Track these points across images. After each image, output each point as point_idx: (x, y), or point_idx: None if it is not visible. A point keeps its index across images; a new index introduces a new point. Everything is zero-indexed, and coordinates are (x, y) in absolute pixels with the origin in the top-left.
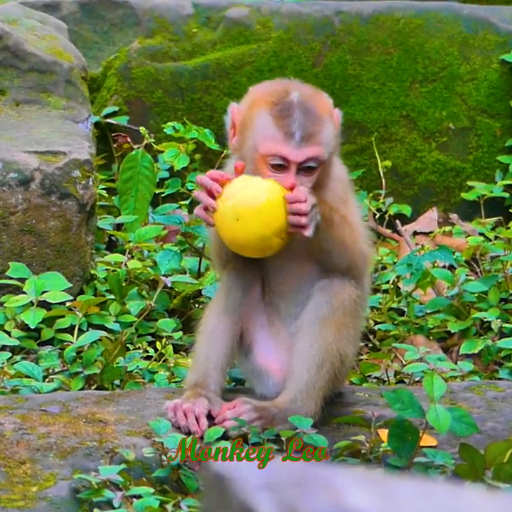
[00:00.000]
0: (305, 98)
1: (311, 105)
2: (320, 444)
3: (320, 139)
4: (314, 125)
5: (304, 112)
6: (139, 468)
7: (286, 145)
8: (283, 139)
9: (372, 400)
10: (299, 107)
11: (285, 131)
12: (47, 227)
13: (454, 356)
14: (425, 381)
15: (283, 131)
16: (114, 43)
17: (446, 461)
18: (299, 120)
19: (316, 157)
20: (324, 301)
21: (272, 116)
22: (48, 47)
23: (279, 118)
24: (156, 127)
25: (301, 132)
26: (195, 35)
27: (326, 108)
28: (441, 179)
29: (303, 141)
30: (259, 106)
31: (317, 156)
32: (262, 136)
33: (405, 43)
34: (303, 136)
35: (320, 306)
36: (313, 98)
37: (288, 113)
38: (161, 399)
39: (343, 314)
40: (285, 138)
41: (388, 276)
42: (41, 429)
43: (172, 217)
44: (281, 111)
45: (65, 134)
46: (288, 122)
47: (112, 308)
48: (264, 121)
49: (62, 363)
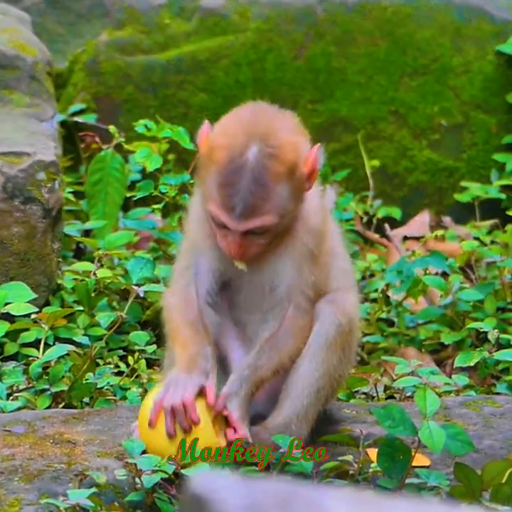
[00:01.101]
0: (262, 157)
1: (266, 168)
2: (305, 464)
3: (267, 209)
4: (261, 196)
5: (252, 181)
6: (111, 491)
7: (227, 215)
8: (224, 208)
9: (361, 417)
10: (249, 173)
11: (227, 200)
12: (10, 233)
13: (447, 370)
14: (417, 396)
15: (226, 200)
16: (80, 35)
17: (441, 482)
18: (243, 191)
19: (259, 227)
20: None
21: (220, 179)
22: (9, 40)
23: (224, 185)
24: (127, 126)
25: (242, 205)
26: (167, 27)
27: (290, 162)
28: (433, 179)
29: (244, 214)
30: (214, 157)
31: (261, 226)
32: (209, 194)
33: (393, 34)
34: (244, 209)
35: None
36: (274, 154)
37: (234, 180)
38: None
39: (348, 333)
40: (226, 207)
41: (377, 284)
42: (5, 450)
43: (144, 222)
44: (228, 176)
45: (28, 133)
46: (232, 191)
47: (81, 320)
48: (213, 181)
49: (27, 379)
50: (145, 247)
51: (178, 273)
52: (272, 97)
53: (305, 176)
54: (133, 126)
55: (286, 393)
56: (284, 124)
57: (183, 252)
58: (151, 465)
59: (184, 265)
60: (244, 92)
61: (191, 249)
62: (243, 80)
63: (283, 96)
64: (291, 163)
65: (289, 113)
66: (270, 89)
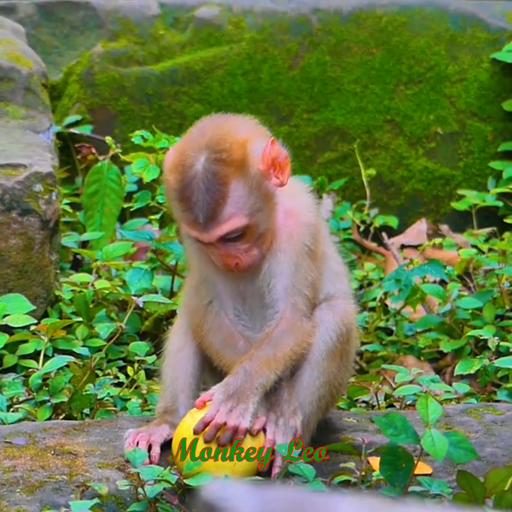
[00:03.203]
0: (209, 164)
1: (215, 173)
2: (307, 473)
3: (228, 212)
4: (217, 202)
5: (205, 190)
6: (113, 502)
7: (194, 229)
8: (189, 222)
9: (362, 426)
10: (201, 183)
11: (189, 215)
12: (7, 245)
13: (447, 378)
14: (419, 404)
15: (187, 215)
16: (75, 47)
17: (443, 489)
18: (199, 202)
19: (229, 232)
20: (330, 328)
21: (177, 196)
22: (4, 52)
23: (181, 199)
24: (123, 137)
25: (203, 216)
26: (162, 38)
27: (237, 161)
28: (430, 188)
29: (208, 223)
30: (168, 177)
31: (231, 231)
32: (176, 215)
33: (388, 42)
34: (206, 219)
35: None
36: (220, 158)
37: (189, 193)
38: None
39: (346, 341)
40: (191, 222)
41: (375, 293)
42: (6, 462)
43: (142, 233)
44: (183, 191)
45: (25, 145)
46: (190, 205)
47: (79, 331)
48: (174, 200)
49: (27, 391)
50: (142, 258)
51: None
52: (267, 107)
53: (264, 171)
54: (128, 137)
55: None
56: (231, 127)
57: (193, 287)
58: (154, 475)
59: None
60: (240, 102)
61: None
62: (238, 90)
63: (278, 106)
64: (239, 163)
65: (244, 117)
66: (265, 99)
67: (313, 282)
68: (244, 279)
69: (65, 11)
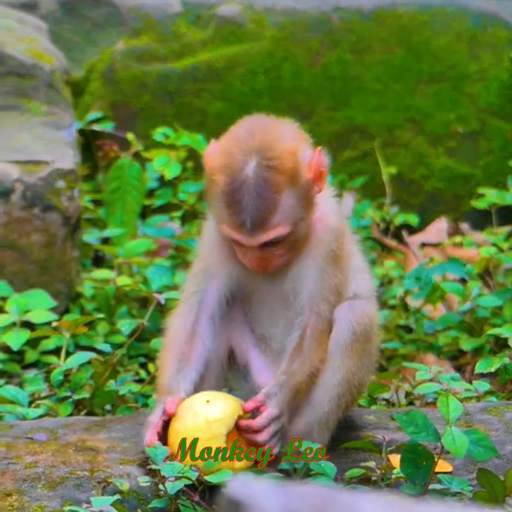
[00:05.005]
0: (261, 170)
1: (266, 180)
2: (328, 471)
3: (276, 220)
4: (267, 209)
5: (255, 196)
6: (134, 498)
7: (239, 232)
8: (235, 226)
9: (382, 424)
10: (252, 189)
11: (236, 218)
12: (29, 242)
13: (467, 376)
14: (440, 402)
15: (234, 219)
16: (97, 44)
17: (463, 487)
18: (248, 208)
19: (273, 239)
20: (346, 327)
21: (225, 199)
22: (27, 49)
23: (230, 203)
24: (144, 134)
25: (251, 221)
26: (184, 35)
27: (290, 170)
28: (450, 186)
29: (254, 229)
30: (216, 178)
31: (275, 238)
32: (218, 215)
33: (409, 41)
34: (253, 225)
35: (342, 333)
36: (272, 165)
37: (239, 197)
38: None
39: (365, 341)
40: (236, 225)
41: (395, 291)
42: (28, 458)
43: (163, 229)
44: (232, 194)
45: (47, 141)
46: (238, 209)
47: (101, 328)
48: (219, 201)
49: (48, 387)
50: (164, 255)
51: (185, 297)
52: (288, 104)
53: (310, 180)
54: (150, 135)
55: (307, 401)
56: (279, 133)
57: (192, 275)
58: (175, 472)
59: (191, 290)
60: (261, 100)
61: (201, 274)
62: (259, 88)
63: (299, 104)
64: (291, 172)
65: (287, 121)
66: (286, 97)
67: (338, 287)
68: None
69: (87, 7)
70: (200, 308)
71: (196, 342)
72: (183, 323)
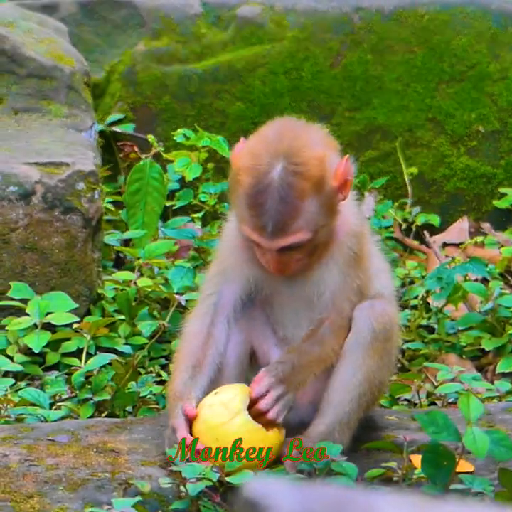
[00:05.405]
0: (287, 175)
1: (292, 186)
2: (349, 472)
3: (297, 226)
4: (289, 214)
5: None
6: (155, 500)
7: (259, 235)
8: (255, 228)
9: (404, 424)
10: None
11: (257, 221)
12: (50, 243)
13: (489, 376)
14: (461, 402)
15: (256, 221)
16: (117, 45)
17: (485, 487)
18: (271, 211)
19: (293, 244)
20: (365, 325)
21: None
22: (47, 50)
23: (252, 205)
24: (165, 135)
25: (272, 225)
26: (204, 36)
27: (315, 177)
28: (471, 186)
29: (275, 232)
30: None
31: (294, 243)
32: (240, 215)
33: (430, 41)
34: (274, 228)
35: (362, 332)
36: (298, 171)
37: (262, 200)
38: None
39: (385, 340)
40: (257, 227)
41: (417, 291)
42: (49, 460)
43: (184, 231)
44: (255, 196)
45: (67, 143)
46: (260, 211)
47: (122, 329)
48: (242, 202)
49: (69, 389)
50: (184, 256)
51: (201, 298)
52: (309, 105)
53: (335, 188)
54: (170, 136)
55: (328, 400)
56: (308, 138)
57: (209, 277)
58: (196, 473)
59: (208, 292)
60: (282, 100)
61: (218, 276)
62: (280, 89)
63: (320, 104)
64: (317, 179)
65: (317, 127)
66: (307, 98)
67: (360, 288)
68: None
69: (108, 9)
70: (216, 311)
71: (210, 347)
72: (198, 326)
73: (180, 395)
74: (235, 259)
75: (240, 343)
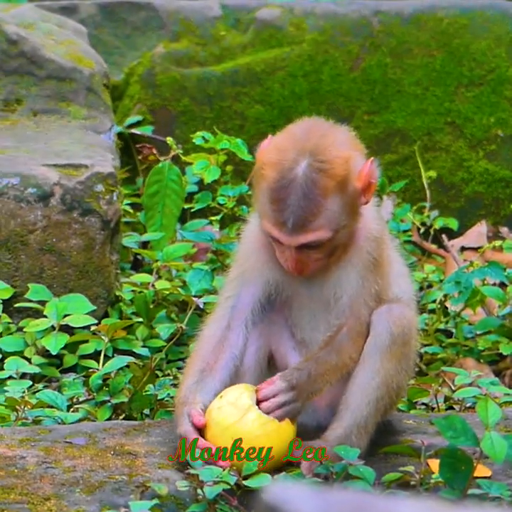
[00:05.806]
0: (311, 172)
1: (315, 182)
2: (367, 476)
3: (318, 223)
4: (311, 211)
5: (302, 196)
6: (172, 503)
7: (279, 230)
8: (276, 223)
9: (421, 428)
10: (299, 188)
11: (278, 216)
12: (68, 245)
13: (506, 380)
14: (479, 407)
15: (277, 215)
16: (136, 47)
17: (502, 492)
18: (293, 206)
19: (312, 242)
20: (384, 329)
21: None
22: (66, 52)
23: (275, 199)
24: (183, 137)
25: (293, 220)
26: (223, 39)
27: (340, 176)
28: (490, 190)
29: (295, 229)
30: (265, 173)
31: (314, 241)
32: (262, 210)
33: (449, 45)
34: (295, 224)
35: (380, 335)
36: (323, 169)
37: (285, 195)
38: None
39: (403, 343)
40: (278, 223)
41: (435, 295)
42: (66, 462)
43: (202, 233)
44: (278, 191)
45: (86, 145)
46: (282, 206)
47: (140, 332)
48: (264, 196)
49: (87, 391)
50: (202, 259)
51: (219, 301)
52: (328, 108)
53: (359, 190)
54: (189, 138)
55: (346, 404)
56: (335, 138)
57: (229, 280)
58: (213, 476)
59: (226, 295)
60: (301, 103)
61: (237, 279)
62: (299, 92)
63: (339, 107)
64: (341, 178)
65: (344, 128)
66: (326, 101)
67: (379, 293)
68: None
69: (127, 11)
70: (233, 314)
71: (224, 350)
72: (213, 329)
73: (183, 401)
74: (255, 260)
75: (259, 348)
